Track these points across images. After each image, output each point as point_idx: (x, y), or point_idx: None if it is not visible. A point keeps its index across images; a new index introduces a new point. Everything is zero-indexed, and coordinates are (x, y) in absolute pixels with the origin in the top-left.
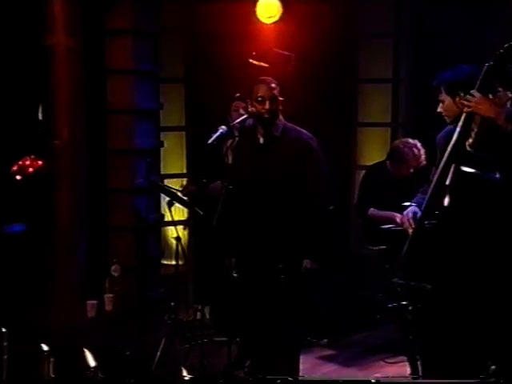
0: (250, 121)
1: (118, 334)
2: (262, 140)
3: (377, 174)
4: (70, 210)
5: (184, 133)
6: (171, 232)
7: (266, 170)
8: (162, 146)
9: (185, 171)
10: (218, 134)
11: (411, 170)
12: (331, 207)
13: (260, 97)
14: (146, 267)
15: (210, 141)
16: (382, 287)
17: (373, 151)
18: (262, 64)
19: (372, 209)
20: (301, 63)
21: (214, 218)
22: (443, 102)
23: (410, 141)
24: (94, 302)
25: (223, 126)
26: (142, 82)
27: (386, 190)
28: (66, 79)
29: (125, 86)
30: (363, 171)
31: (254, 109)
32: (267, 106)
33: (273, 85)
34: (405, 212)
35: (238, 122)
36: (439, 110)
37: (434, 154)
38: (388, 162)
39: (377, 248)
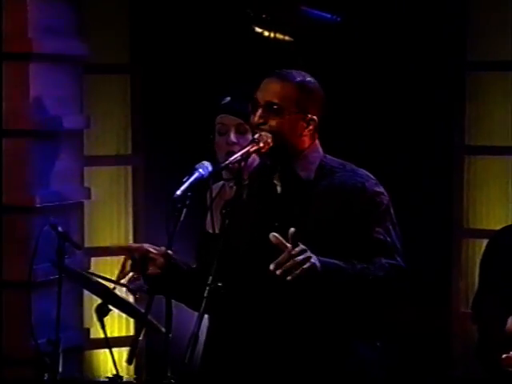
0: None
1: None
2: (279, 188)
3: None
4: None
5: (129, 168)
6: (104, 359)
7: (287, 240)
8: (88, 197)
9: (130, 241)
10: (193, 178)
11: None
12: None
13: (254, 100)
14: None
15: (178, 192)
16: None
17: (494, 202)
18: (281, 37)
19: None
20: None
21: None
22: None
23: None
24: None
25: (205, 164)
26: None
27: None
28: None
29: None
30: (483, 240)
31: (262, 135)
32: (257, 118)
33: (295, 81)
34: None
35: (235, 159)
36: None
37: None
38: None
39: None
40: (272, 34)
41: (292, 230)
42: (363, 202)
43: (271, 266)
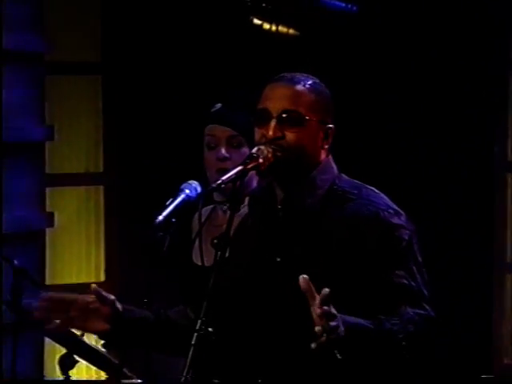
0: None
1: None
2: (281, 215)
3: None
4: None
5: (101, 188)
6: None
7: (291, 279)
8: (51, 224)
9: (102, 279)
10: (179, 201)
11: None
12: None
13: (263, 110)
14: None
15: (160, 217)
16: None
17: None
18: (284, 30)
19: None
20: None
21: None
22: None
23: None
24: None
25: (193, 184)
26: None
27: None
28: None
29: None
30: None
31: (262, 148)
32: (271, 132)
33: (308, 85)
34: None
35: (229, 178)
36: None
37: None
38: None
39: None
40: (273, 27)
41: (326, 290)
42: (379, 237)
43: (312, 346)
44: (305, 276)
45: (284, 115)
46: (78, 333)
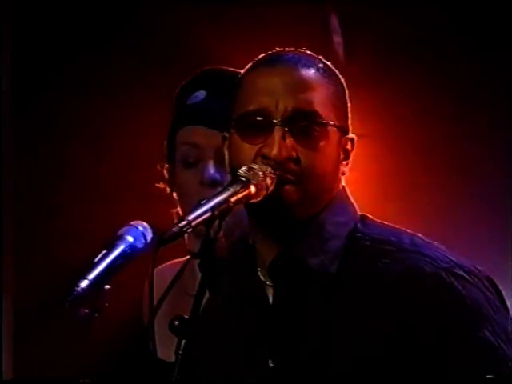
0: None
1: None
2: (271, 291)
3: None
4: None
5: None
6: None
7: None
8: None
9: None
10: (115, 255)
11: None
12: None
13: (257, 113)
14: None
15: (83, 285)
16: None
17: None
18: None
19: None
20: None
21: None
22: None
23: None
24: None
25: (139, 227)
26: None
27: None
28: None
29: None
30: None
31: (255, 169)
32: (277, 149)
33: (322, 70)
34: None
35: (199, 219)
36: None
37: None
38: None
39: None
40: None
41: None
42: (444, 318)
43: None
44: None
45: (294, 120)
46: None
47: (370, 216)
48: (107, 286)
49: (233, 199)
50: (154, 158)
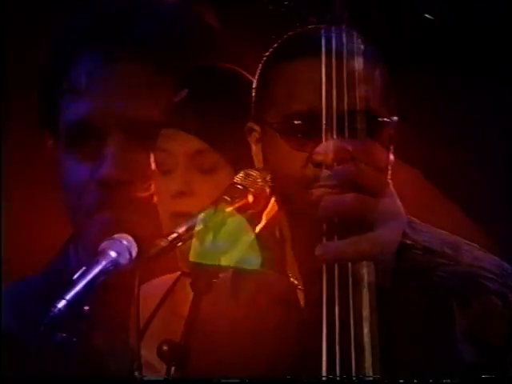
0: None
1: None
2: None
3: None
4: None
5: None
6: None
7: None
8: None
9: None
10: (96, 272)
11: None
12: None
13: (305, 115)
14: None
15: (60, 305)
16: None
17: None
18: None
19: None
20: None
21: None
22: None
23: None
24: None
25: (124, 240)
26: None
27: None
28: None
29: None
30: None
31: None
32: (333, 153)
33: (369, 56)
34: None
35: (182, 237)
36: None
37: None
38: None
39: None
40: None
41: None
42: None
43: None
44: None
45: (349, 121)
46: None
47: (415, 218)
48: (86, 308)
49: (228, 209)
50: None
